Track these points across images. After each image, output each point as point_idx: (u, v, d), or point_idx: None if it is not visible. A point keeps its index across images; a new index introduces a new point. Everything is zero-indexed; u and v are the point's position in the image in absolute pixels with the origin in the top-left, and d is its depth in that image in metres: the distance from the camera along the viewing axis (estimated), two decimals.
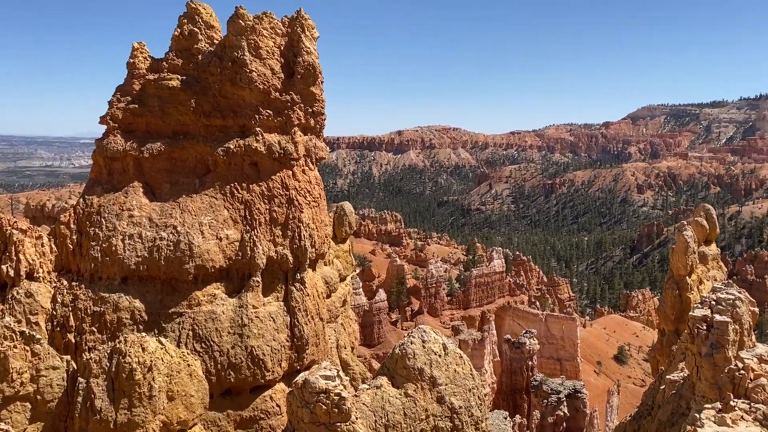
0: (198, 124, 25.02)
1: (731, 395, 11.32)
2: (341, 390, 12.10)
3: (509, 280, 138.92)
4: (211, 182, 24.43)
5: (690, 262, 37.38)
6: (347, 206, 36.42)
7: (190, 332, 22.47)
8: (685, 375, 16.46)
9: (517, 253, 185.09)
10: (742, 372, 11.58)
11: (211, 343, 22.61)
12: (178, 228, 23.24)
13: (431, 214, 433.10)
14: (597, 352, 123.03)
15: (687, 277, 37.40)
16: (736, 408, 10.73)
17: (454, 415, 14.95)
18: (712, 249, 41.51)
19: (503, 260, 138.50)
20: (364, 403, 13.78)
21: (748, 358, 12.20)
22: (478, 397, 15.63)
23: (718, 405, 11.11)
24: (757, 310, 14.72)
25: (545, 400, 63.03)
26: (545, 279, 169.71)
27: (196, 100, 24.65)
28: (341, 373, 12.80)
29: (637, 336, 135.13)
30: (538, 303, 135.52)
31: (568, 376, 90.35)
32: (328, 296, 30.52)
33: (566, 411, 62.69)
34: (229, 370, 22.81)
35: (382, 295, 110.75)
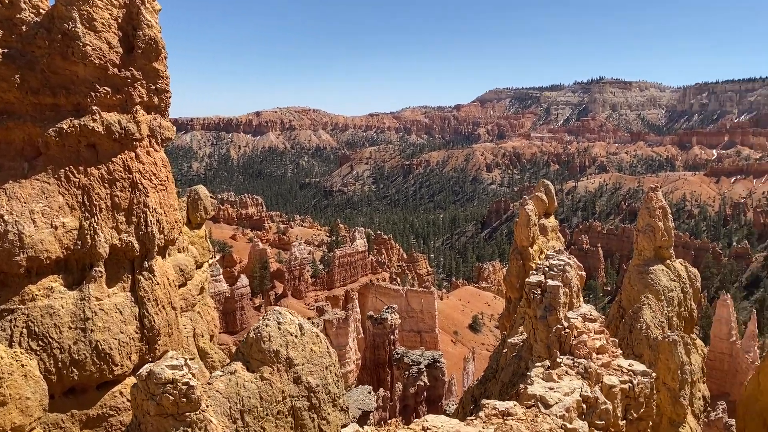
0: (24, 102, 22.63)
1: (558, 353, 12.42)
2: (189, 379, 11.69)
3: (371, 259, 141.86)
4: (43, 166, 22.29)
5: (531, 234, 40.32)
6: (202, 190, 35.04)
7: (24, 330, 20.55)
8: (525, 338, 17.82)
9: (379, 232, 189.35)
10: (567, 331, 12.72)
11: (50, 340, 20.85)
12: (5, 217, 21.02)
13: (294, 197, 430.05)
14: (454, 323, 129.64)
15: (529, 248, 40.28)
16: (562, 364, 11.78)
17: (312, 394, 15.02)
18: (551, 221, 45.01)
19: (365, 240, 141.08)
20: (217, 390, 13.44)
21: (573, 318, 13.41)
22: (335, 374, 15.82)
23: (547, 363, 12.16)
24: (583, 273, 16.17)
25: (407, 372, 65.39)
26: (405, 256, 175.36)
27: (21, 76, 22.27)
28: (190, 362, 12.35)
29: (489, 305, 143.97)
30: (398, 279, 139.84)
31: (427, 347, 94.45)
32: (183, 284, 29.36)
33: (426, 380, 65.48)
34: (72, 367, 21.21)
35: (244, 280, 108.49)
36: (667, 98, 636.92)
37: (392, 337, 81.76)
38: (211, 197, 38.09)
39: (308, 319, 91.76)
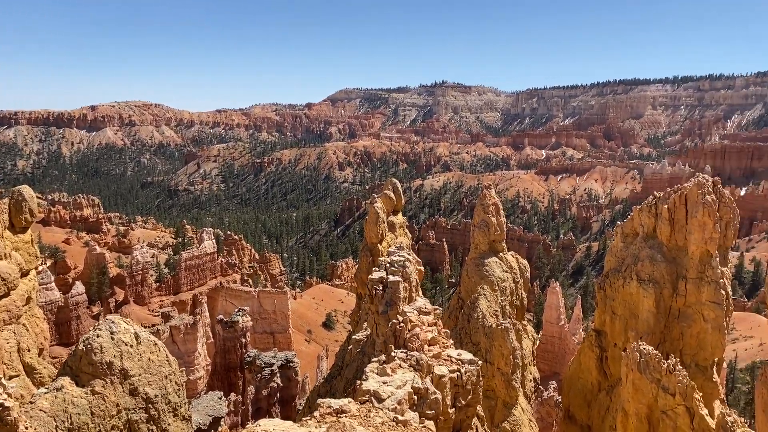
0: None
1: (393, 347, 13.00)
2: (4, 399, 10.69)
3: (221, 260, 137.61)
4: None
5: (380, 230, 41.41)
6: (27, 190, 31.96)
7: None
8: (369, 333, 18.37)
9: (229, 232, 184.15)
10: (402, 325, 13.34)
11: None
12: None
13: (135, 197, 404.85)
14: (307, 321, 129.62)
15: (378, 245, 41.34)
16: (396, 358, 12.35)
17: (150, 405, 14.37)
18: (399, 218, 46.55)
19: (214, 241, 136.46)
20: (41, 410, 12.42)
21: (409, 312, 14.09)
22: (176, 382, 15.26)
23: (383, 357, 12.69)
24: (422, 269, 16.98)
25: (259, 374, 64.36)
26: (257, 256, 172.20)
27: None
28: (5, 381, 11.29)
29: (342, 302, 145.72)
30: (250, 280, 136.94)
31: (280, 348, 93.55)
32: (6, 295, 26.76)
33: (279, 381, 64.91)
34: None
35: (80, 287, 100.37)
36: (502, 102, 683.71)
37: (244, 340, 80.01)
38: (39, 198, 34.93)
39: (153, 326, 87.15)
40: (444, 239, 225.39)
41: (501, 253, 35.29)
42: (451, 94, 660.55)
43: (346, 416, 10.14)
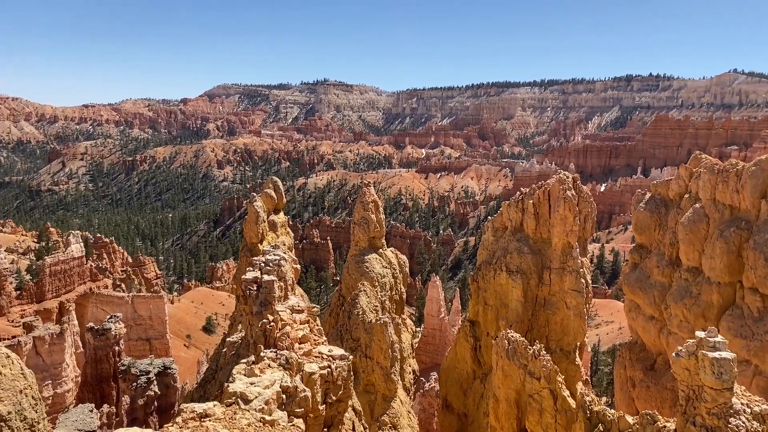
0: None
1: (262, 347, 12.89)
2: None
3: (90, 265, 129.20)
4: None
5: (261, 230, 40.70)
6: None
7: None
8: (243, 335, 18.07)
9: (99, 235, 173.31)
10: (272, 324, 13.27)
11: None
12: None
13: None
14: (186, 326, 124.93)
15: (259, 244, 40.62)
16: (265, 358, 12.26)
17: (3, 423, 13.27)
18: (281, 217, 46.00)
19: (82, 244, 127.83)
20: None
21: (282, 310, 14.04)
22: (33, 397, 14.20)
23: (252, 358, 12.55)
24: (298, 267, 16.94)
25: (134, 383, 61.27)
26: (130, 260, 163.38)
27: None
28: None
29: (223, 305, 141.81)
30: (123, 285, 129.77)
31: (158, 355, 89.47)
32: None
33: (157, 390, 62.13)
34: None
35: None
36: (383, 101, 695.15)
37: (117, 348, 75.82)
38: None
39: (13, 337, 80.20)
40: (328, 238, 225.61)
41: (381, 250, 35.96)
42: (334, 93, 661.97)
43: (210, 420, 9.92)
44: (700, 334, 17.15)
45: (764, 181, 38.68)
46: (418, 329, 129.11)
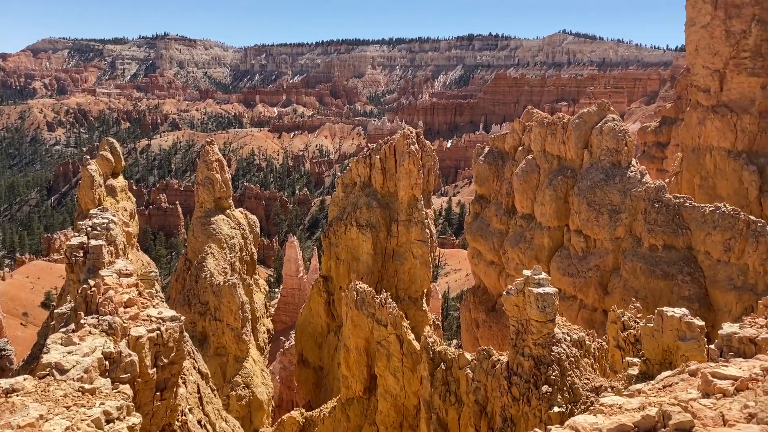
0: None
1: (83, 314, 12.09)
2: None
3: None
4: None
5: (97, 195, 37.85)
6: None
7: None
8: (73, 306, 16.83)
9: None
10: (94, 289, 12.45)
11: None
12: None
13: None
14: (22, 303, 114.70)
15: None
16: (86, 325, 11.51)
17: None
18: (120, 181, 43.01)
19: None
20: None
21: (108, 275, 13.19)
22: None
23: (72, 326, 11.74)
24: (131, 229, 15.96)
25: None
26: None
27: None
28: None
29: (63, 278, 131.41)
30: None
31: None
32: None
33: None
34: None
35: None
36: (230, 58, 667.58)
37: None
38: None
39: None
40: (177, 202, 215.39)
41: (228, 210, 34.98)
42: (176, 48, 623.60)
43: (18, 395, 9.11)
44: (526, 272, 18.60)
45: (586, 133, 42.45)
46: (277, 290, 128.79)
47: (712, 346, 12.30)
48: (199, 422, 15.75)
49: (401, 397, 22.88)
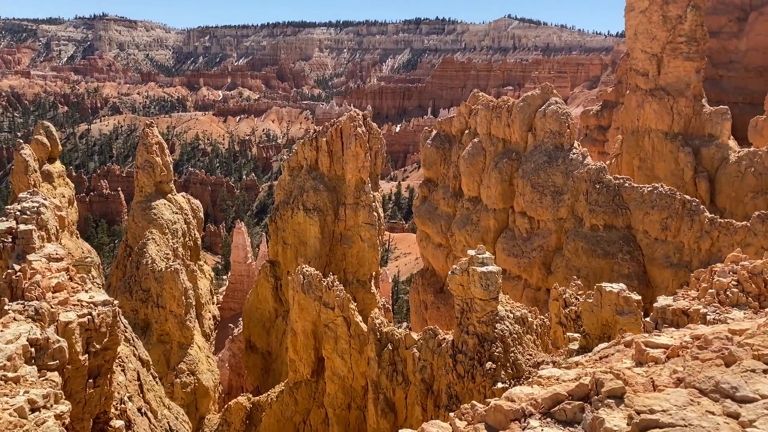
0: None
1: (7, 300, 11.55)
2: None
3: None
4: None
5: (32, 181, 36.33)
6: None
7: None
8: None
9: None
10: (19, 274, 11.90)
11: None
12: None
13: None
14: None
15: None
16: (10, 311, 10.99)
17: None
18: (57, 166, 41.32)
19: None
20: None
21: (36, 260, 12.62)
22: None
23: None
24: (65, 213, 15.30)
25: None
26: None
27: None
28: None
29: None
30: None
31: None
32: None
33: None
34: None
35: None
36: (173, 39, 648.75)
37: None
38: None
39: None
40: (120, 188, 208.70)
41: (170, 195, 34.04)
42: (115, 29, 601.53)
43: None
44: (470, 252, 18.78)
45: (530, 116, 43.11)
46: (225, 277, 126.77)
47: (648, 319, 12.69)
48: (139, 410, 15.36)
49: (349, 379, 22.91)
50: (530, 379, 9.17)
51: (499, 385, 17.15)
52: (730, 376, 5.39)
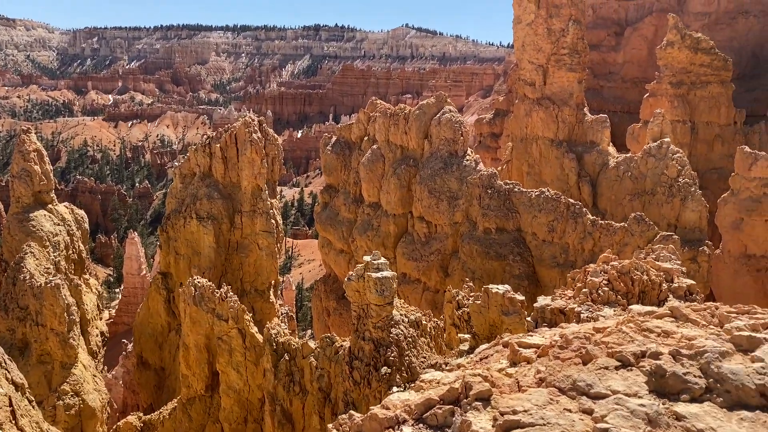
0: None
1: None
2: None
3: None
4: None
5: None
6: None
7: None
8: None
9: None
10: None
11: None
12: None
13: None
14: None
15: None
16: None
17: None
18: None
19: None
20: None
21: None
22: None
23: None
24: None
25: None
26: None
27: None
28: None
29: None
30: None
31: None
32: None
33: None
34: None
35: None
36: (57, 40, 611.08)
37: None
38: None
39: None
40: None
41: (50, 205, 31.89)
42: None
43: None
44: (366, 258, 18.90)
45: (426, 124, 44.15)
46: (117, 290, 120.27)
47: (529, 319, 13.28)
48: None
49: (245, 392, 22.35)
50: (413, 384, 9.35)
51: (395, 389, 17.34)
52: (586, 374, 5.73)
